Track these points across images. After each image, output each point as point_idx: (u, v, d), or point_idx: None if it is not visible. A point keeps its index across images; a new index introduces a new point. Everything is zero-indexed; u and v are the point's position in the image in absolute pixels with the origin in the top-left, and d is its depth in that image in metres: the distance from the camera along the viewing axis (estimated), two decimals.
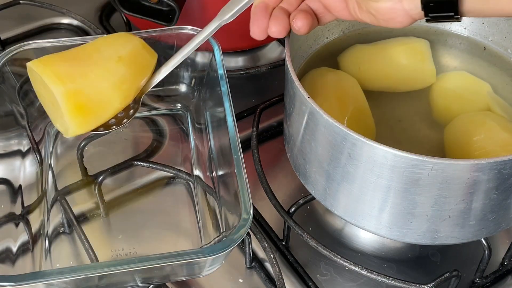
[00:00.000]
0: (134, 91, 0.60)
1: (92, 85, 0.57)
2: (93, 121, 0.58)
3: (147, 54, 0.62)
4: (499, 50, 0.66)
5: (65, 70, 0.57)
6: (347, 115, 0.59)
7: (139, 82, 0.61)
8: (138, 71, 0.60)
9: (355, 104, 0.60)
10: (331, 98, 0.60)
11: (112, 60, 0.59)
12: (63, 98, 0.56)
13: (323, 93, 0.60)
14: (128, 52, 0.61)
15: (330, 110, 0.51)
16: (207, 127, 0.66)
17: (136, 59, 0.61)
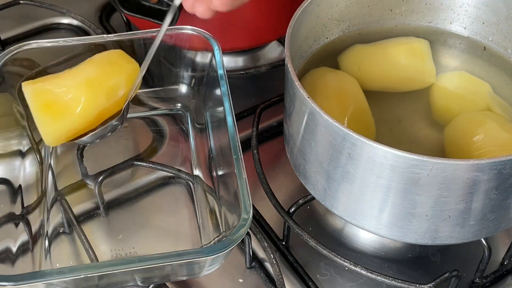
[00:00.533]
0: (106, 91, 0.60)
1: (60, 84, 0.58)
2: (62, 120, 0.59)
3: (123, 60, 0.63)
4: (499, 50, 0.66)
5: (42, 79, 0.59)
6: (347, 115, 0.59)
7: (111, 83, 0.61)
8: (109, 73, 0.61)
9: (355, 104, 0.60)
10: (331, 98, 0.60)
11: (82, 64, 0.60)
12: (32, 97, 0.57)
13: (323, 93, 0.60)
14: (101, 56, 0.62)
15: (330, 110, 0.51)
16: (207, 127, 0.66)
17: (109, 61, 0.62)
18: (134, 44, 0.66)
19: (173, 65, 0.68)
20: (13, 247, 0.58)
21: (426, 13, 0.67)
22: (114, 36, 0.65)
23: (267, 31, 0.76)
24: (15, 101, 0.64)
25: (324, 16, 0.64)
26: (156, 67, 0.69)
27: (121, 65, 0.62)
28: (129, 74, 0.62)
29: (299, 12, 0.59)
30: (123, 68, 0.62)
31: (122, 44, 0.66)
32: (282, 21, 0.68)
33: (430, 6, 0.67)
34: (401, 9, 0.67)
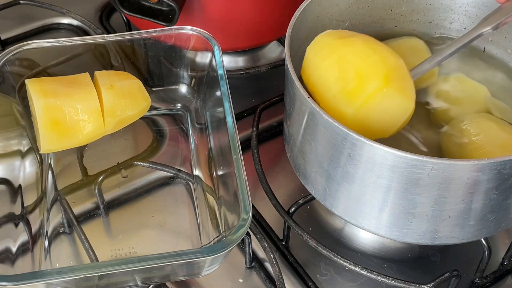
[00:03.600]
0: (116, 122, 0.62)
1: (74, 105, 0.60)
2: (65, 140, 0.61)
3: (141, 95, 0.64)
4: (498, 51, 0.66)
5: (52, 88, 0.60)
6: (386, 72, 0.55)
7: (123, 116, 0.63)
8: (126, 105, 0.62)
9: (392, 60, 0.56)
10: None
11: (103, 87, 0.61)
12: (42, 111, 0.58)
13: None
14: (123, 85, 0.62)
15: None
16: (207, 127, 0.66)
17: (129, 94, 0.62)
18: (134, 44, 0.66)
19: (173, 65, 0.68)
20: (13, 247, 0.58)
21: (426, 13, 0.67)
22: (114, 36, 0.65)
23: (267, 31, 0.76)
24: (15, 101, 0.64)
25: (324, 16, 0.64)
26: (156, 67, 0.69)
27: (139, 100, 0.64)
28: (141, 110, 0.65)
29: (299, 12, 0.59)
30: (139, 104, 0.64)
31: (122, 44, 0.66)
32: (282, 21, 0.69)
33: (430, 6, 0.67)
34: (401, 9, 0.67)
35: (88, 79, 0.63)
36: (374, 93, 0.53)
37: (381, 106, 0.53)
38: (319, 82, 0.55)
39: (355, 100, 0.53)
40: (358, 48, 0.55)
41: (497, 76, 0.65)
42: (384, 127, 0.55)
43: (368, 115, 0.53)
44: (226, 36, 0.73)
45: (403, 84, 0.55)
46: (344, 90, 0.54)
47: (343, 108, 0.53)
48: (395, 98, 0.53)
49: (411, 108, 0.55)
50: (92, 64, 0.67)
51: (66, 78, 0.63)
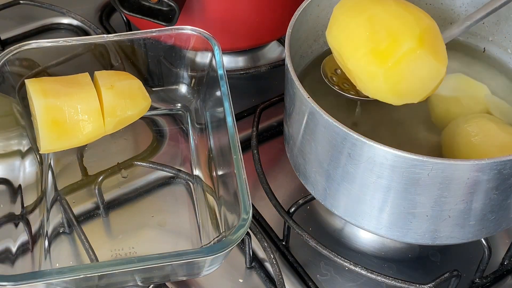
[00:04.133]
0: (116, 122, 0.62)
1: (74, 105, 0.60)
2: (65, 140, 0.61)
3: (141, 95, 0.64)
4: (498, 51, 0.66)
5: (52, 88, 0.60)
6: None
7: (123, 116, 0.63)
8: (126, 105, 0.62)
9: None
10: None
11: (103, 87, 0.61)
12: (42, 111, 0.58)
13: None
14: (123, 85, 0.63)
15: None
16: (207, 127, 0.66)
17: (129, 94, 0.63)
18: (134, 44, 0.66)
19: (173, 65, 0.68)
20: (13, 247, 0.58)
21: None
22: (114, 36, 0.65)
23: (267, 31, 0.76)
24: (15, 101, 0.64)
25: (324, 16, 0.64)
26: (156, 67, 0.69)
27: (139, 100, 0.64)
28: (141, 110, 0.65)
29: (299, 12, 0.59)
30: (139, 104, 0.64)
31: (122, 44, 0.66)
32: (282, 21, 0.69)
33: (430, 6, 0.67)
34: None
35: (88, 79, 0.63)
36: (407, 54, 0.51)
37: (413, 68, 0.51)
38: (347, 42, 0.54)
39: (387, 60, 0.51)
40: (389, 7, 0.53)
41: (497, 76, 0.65)
42: (414, 90, 0.53)
43: (399, 77, 0.52)
44: (226, 36, 0.73)
45: (436, 46, 0.53)
46: (375, 50, 0.52)
47: (373, 68, 0.52)
48: (428, 60, 0.52)
49: (443, 72, 0.53)
50: (92, 64, 0.67)
51: (66, 78, 0.63)
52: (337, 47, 0.55)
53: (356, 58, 0.53)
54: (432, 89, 0.54)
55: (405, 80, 0.52)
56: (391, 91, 0.52)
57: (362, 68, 0.53)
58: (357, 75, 0.54)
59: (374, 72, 0.52)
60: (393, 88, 0.53)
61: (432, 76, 0.53)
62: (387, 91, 0.51)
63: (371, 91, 0.55)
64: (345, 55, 0.54)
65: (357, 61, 0.53)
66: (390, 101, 0.55)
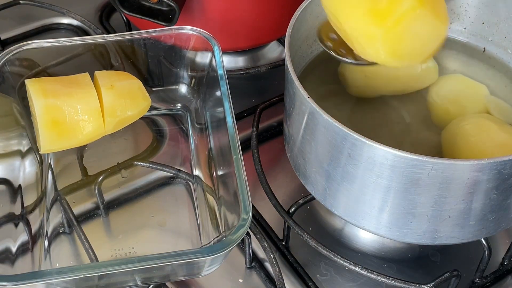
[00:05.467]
0: (117, 122, 0.62)
1: (74, 105, 0.60)
2: (65, 140, 0.61)
3: (141, 95, 0.64)
4: (498, 51, 0.66)
5: (52, 88, 0.60)
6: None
7: (123, 116, 0.63)
8: (126, 106, 0.62)
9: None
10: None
11: (103, 87, 0.61)
12: (42, 111, 0.58)
13: None
14: (123, 85, 0.63)
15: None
16: (207, 127, 0.66)
17: (129, 94, 0.63)
18: (134, 44, 0.66)
19: (173, 65, 0.68)
20: (12, 247, 0.58)
21: None
22: (114, 36, 0.65)
23: (267, 31, 0.76)
24: (15, 101, 0.64)
25: (324, 16, 0.64)
26: (156, 67, 0.69)
27: (139, 100, 0.64)
28: (141, 110, 0.65)
29: (299, 12, 0.59)
30: (139, 104, 0.64)
31: (122, 44, 0.66)
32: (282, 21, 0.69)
33: None
34: None
35: (88, 79, 0.63)
36: (407, 13, 0.48)
37: (413, 28, 0.49)
38: (344, 3, 0.51)
39: (386, 20, 0.49)
40: None
41: (497, 76, 0.65)
42: (415, 50, 0.51)
43: (399, 37, 0.49)
44: (226, 36, 0.73)
45: (437, 5, 0.51)
46: (374, 9, 0.49)
47: (372, 28, 0.50)
48: (429, 19, 0.49)
49: (444, 32, 0.51)
50: (92, 64, 0.67)
51: (66, 78, 0.63)
52: (333, 9, 0.52)
53: (353, 20, 0.50)
54: (434, 49, 0.52)
55: (406, 41, 0.50)
56: (391, 53, 0.50)
57: (360, 30, 0.50)
58: (355, 37, 0.51)
59: (373, 33, 0.50)
60: (393, 50, 0.50)
61: (434, 36, 0.51)
62: (387, 52, 0.49)
63: (370, 54, 0.52)
64: (341, 17, 0.52)
65: (354, 23, 0.51)
66: (390, 63, 0.52)
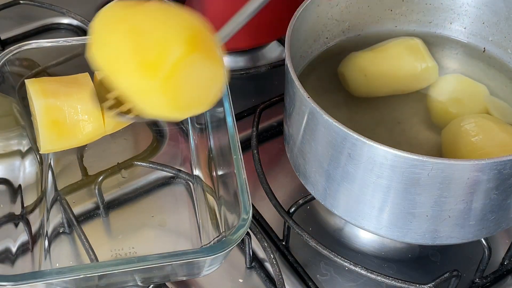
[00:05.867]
0: (115, 124, 0.62)
1: (73, 105, 0.60)
2: (65, 140, 0.61)
3: None
4: (498, 51, 0.66)
5: (52, 88, 0.60)
6: None
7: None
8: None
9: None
10: None
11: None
12: (42, 111, 0.58)
13: None
14: None
15: None
16: (207, 127, 0.66)
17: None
18: None
19: None
20: (12, 247, 0.58)
21: (426, 13, 0.67)
22: None
23: (267, 31, 0.76)
24: (15, 101, 0.64)
25: (324, 16, 0.64)
26: None
27: None
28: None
29: (299, 12, 0.59)
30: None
31: None
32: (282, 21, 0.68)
33: (430, 6, 0.67)
34: (401, 9, 0.67)
35: (88, 79, 0.63)
36: (180, 61, 0.46)
37: (190, 75, 0.47)
38: (114, 60, 0.47)
39: (159, 71, 0.45)
40: (152, 13, 0.48)
41: (497, 76, 0.65)
42: (197, 97, 0.48)
43: (177, 87, 0.46)
44: None
45: (210, 48, 0.48)
46: (145, 62, 0.45)
47: (147, 82, 0.46)
48: (205, 63, 0.47)
49: (222, 74, 0.49)
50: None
51: (66, 78, 0.63)
52: (103, 66, 0.48)
53: (125, 76, 0.46)
54: (216, 93, 0.49)
55: (185, 89, 0.47)
56: (172, 105, 0.47)
57: (135, 86, 0.46)
58: (133, 94, 0.47)
59: (148, 88, 0.46)
60: (173, 101, 0.47)
61: (213, 80, 0.49)
62: (168, 105, 0.46)
63: (152, 109, 0.48)
64: (113, 74, 0.47)
65: (127, 79, 0.46)
66: (175, 115, 0.49)
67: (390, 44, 0.65)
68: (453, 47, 0.68)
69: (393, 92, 0.64)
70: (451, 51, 0.68)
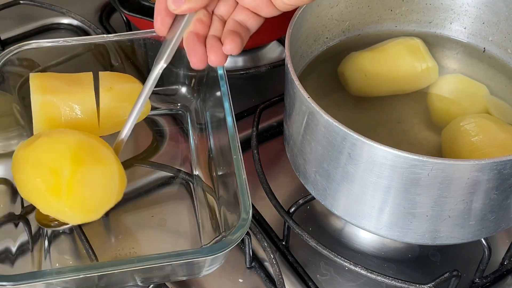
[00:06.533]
0: (113, 122, 0.63)
1: (69, 104, 0.59)
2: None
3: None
4: (498, 51, 0.66)
5: (53, 85, 0.60)
6: None
7: (120, 119, 0.63)
8: (123, 109, 0.63)
9: None
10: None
11: (101, 89, 0.61)
12: (38, 108, 0.59)
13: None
14: (123, 88, 0.62)
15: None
16: (207, 127, 0.66)
17: (128, 98, 0.62)
18: (134, 44, 0.66)
19: (173, 65, 0.68)
20: (12, 247, 0.58)
21: (426, 13, 0.67)
22: (114, 36, 0.65)
23: (267, 31, 0.76)
24: (15, 101, 0.64)
25: (324, 16, 0.64)
26: None
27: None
28: (139, 115, 0.63)
29: (299, 12, 0.59)
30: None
31: (122, 44, 0.66)
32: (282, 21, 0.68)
33: (430, 6, 0.67)
34: (401, 9, 0.67)
35: (90, 78, 0.63)
36: (71, 177, 0.54)
37: (87, 185, 0.55)
38: (30, 193, 0.56)
39: (61, 190, 0.54)
40: (41, 148, 0.56)
41: (497, 76, 0.65)
42: (101, 200, 0.56)
43: (81, 199, 0.55)
44: None
45: (95, 157, 0.56)
46: (50, 188, 0.54)
47: (56, 204, 0.55)
48: (96, 171, 0.56)
49: (116, 174, 0.57)
50: (92, 64, 0.67)
51: (70, 76, 0.63)
52: (22, 193, 0.58)
53: (39, 201, 0.56)
54: (117, 196, 0.57)
55: (88, 199, 0.55)
56: (81, 212, 0.55)
57: (49, 209, 0.56)
58: (50, 213, 0.57)
59: (59, 208, 0.55)
60: (80, 210, 0.55)
61: (106, 180, 0.57)
62: (77, 213, 0.55)
63: (70, 219, 0.57)
64: (31, 199, 0.57)
65: (42, 204, 0.56)
66: (84, 220, 0.57)
67: (390, 44, 0.65)
68: (453, 47, 0.68)
69: (393, 92, 0.64)
70: (451, 51, 0.68)
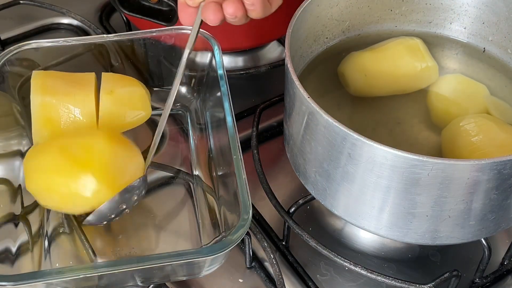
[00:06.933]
0: (109, 129, 0.62)
1: (68, 105, 0.60)
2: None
3: (141, 104, 0.64)
4: (498, 51, 0.66)
5: (54, 85, 0.60)
6: None
7: (121, 123, 0.63)
8: (123, 113, 0.63)
9: None
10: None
11: (102, 91, 0.61)
12: (37, 108, 0.59)
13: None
14: (124, 91, 0.62)
15: None
16: (207, 127, 0.66)
17: (128, 102, 0.62)
18: (134, 44, 0.66)
19: (173, 65, 0.68)
20: (12, 247, 0.58)
21: (426, 13, 0.67)
22: (114, 36, 0.65)
23: (267, 31, 0.76)
24: (15, 101, 0.64)
25: (324, 16, 0.64)
26: (156, 67, 0.69)
27: (137, 109, 0.64)
28: (138, 119, 0.65)
29: (299, 12, 0.59)
30: (137, 113, 0.64)
31: (122, 44, 0.66)
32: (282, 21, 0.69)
33: (430, 6, 0.67)
34: (401, 9, 0.67)
35: (91, 80, 0.63)
36: (103, 153, 0.57)
37: (114, 159, 0.58)
38: (47, 194, 0.58)
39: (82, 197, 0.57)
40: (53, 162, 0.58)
41: (497, 76, 0.65)
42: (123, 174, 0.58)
43: (108, 171, 0.57)
44: (226, 36, 0.73)
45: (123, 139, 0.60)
46: (72, 191, 0.57)
47: (75, 205, 0.58)
48: (123, 147, 0.59)
49: (106, 192, 0.58)
50: (92, 64, 0.67)
51: (72, 75, 0.63)
52: (44, 203, 0.60)
53: (61, 201, 0.58)
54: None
55: (114, 171, 0.58)
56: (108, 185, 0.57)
57: (72, 204, 0.58)
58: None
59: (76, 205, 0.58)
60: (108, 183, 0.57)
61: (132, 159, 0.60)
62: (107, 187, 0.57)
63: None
64: (50, 205, 0.60)
65: (63, 201, 0.58)
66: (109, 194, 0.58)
67: (390, 44, 0.65)
68: (453, 47, 0.68)
69: (393, 92, 0.64)
70: (451, 51, 0.68)
